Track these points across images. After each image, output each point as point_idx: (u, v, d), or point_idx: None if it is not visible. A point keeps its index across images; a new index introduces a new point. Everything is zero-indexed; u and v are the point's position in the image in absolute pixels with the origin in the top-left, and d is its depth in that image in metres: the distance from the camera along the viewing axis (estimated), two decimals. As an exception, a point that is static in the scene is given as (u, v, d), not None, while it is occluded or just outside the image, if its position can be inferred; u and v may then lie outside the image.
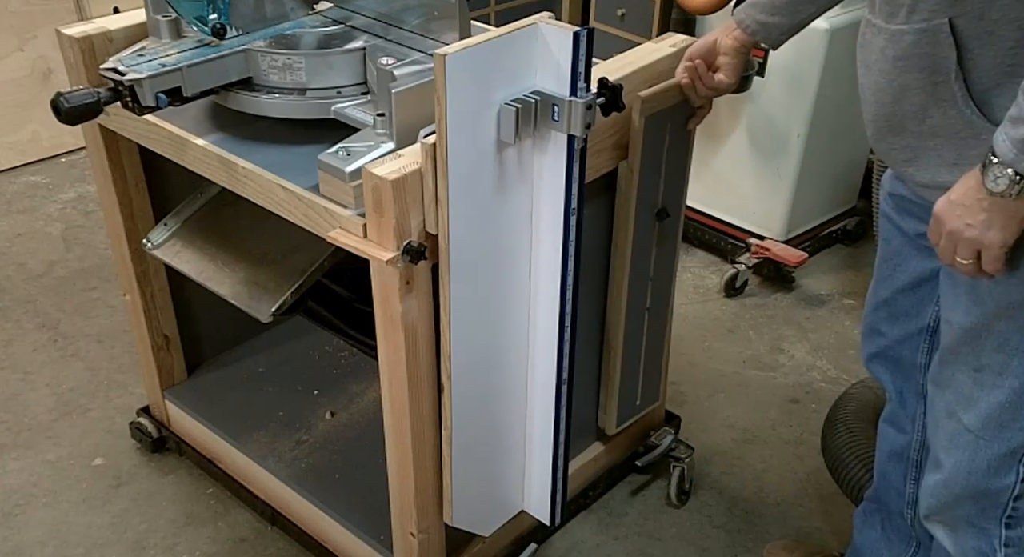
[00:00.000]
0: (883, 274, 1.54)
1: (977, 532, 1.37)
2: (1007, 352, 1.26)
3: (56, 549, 1.92)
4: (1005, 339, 1.26)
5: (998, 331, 1.26)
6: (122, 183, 1.77)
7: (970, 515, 1.37)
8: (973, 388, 1.31)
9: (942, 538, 1.42)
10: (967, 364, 1.31)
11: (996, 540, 1.36)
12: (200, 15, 1.46)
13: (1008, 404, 1.29)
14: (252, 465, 1.91)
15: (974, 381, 1.31)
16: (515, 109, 1.26)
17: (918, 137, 1.25)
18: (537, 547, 1.85)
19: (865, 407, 1.99)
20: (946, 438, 1.38)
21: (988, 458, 1.32)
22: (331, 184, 1.33)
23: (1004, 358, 1.27)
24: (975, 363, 1.30)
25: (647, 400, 1.93)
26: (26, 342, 2.48)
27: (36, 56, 3.20)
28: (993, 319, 1.26)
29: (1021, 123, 1.07)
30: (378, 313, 1.38)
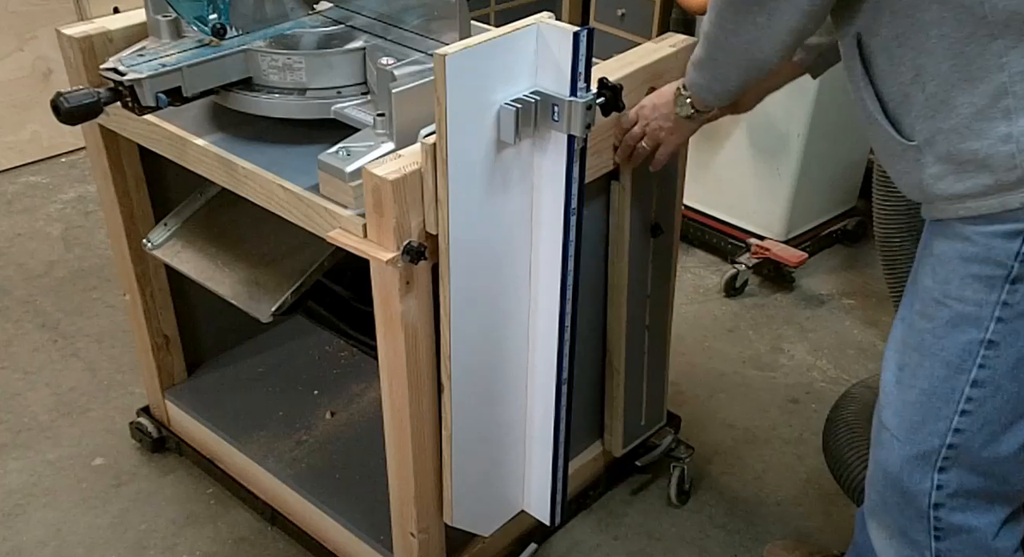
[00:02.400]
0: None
1: (909, 542, 1.38)
2: (922, 352, 1.29)
3: (56, 549, 1.92)
4: (921, 339, 1.28)
5: (919, 330, 1.29)
6: (122, 183, 1.77)
7: (900, 523, 1.38)
8: (894, 385, 1.34)
9: (881, 547, 1.43)
10: (893, 361, 1.34)
11: (927, 551, 1.36)
12: (200, 15, 1.46)
13: (918, 405, 1.30)
14: (252, 465, 1.91)
15: (896, 379, 1.33)
16: (515, 109, 1.26)
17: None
18: (537, 547, 1.84)
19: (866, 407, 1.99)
20: (874, 433, 1.40)
21: (902, 458, 1.33)
22: (331, 184, 1.33)
23: (919, 358, 1.29)
24: (899, 360, 1.33)
25: (651, 420, 1.95)
26: (26, 342, 2.48)
27: (36, 56, 3.20)
28: (917, 317, 1.29)
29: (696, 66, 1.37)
30: (378, 313, 1.38)
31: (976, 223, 1.19)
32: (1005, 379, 1.25)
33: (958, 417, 1.27)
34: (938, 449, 1.30)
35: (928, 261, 1.28)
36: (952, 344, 1.25)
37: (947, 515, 1.33)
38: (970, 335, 1.23)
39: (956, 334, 1.25)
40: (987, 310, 1.22)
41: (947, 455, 1.30)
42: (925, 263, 1.29)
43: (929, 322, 1.27)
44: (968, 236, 1.21)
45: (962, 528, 1.34)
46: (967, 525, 1.34)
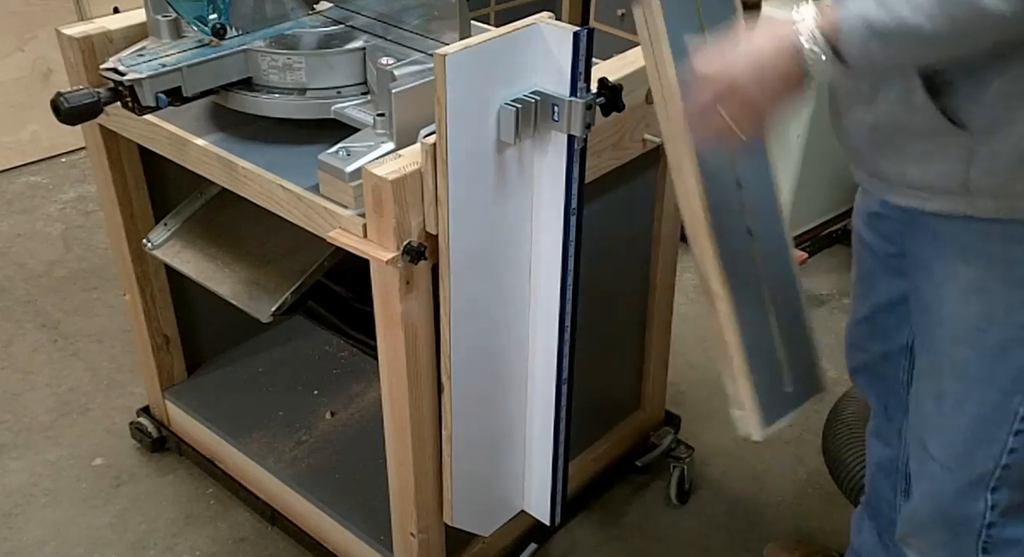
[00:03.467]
0: (858, 293, 1.51)
1: (951, 555, 1.34)
2: (966, 381, 1.22)
3: (56, 549, 1.92)
4: (964, 367, 1.22)
5: (957, 358, 1.22)
6: (122, 183, 1.77)
7: (944, 540, 1.34)
8: (936, 416, 1.28)
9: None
10: (929, 390, 1.28)
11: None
12: (200, 15, 1.46)
13: (969, 432, 1.25)
14: (252, 465, 1.91)
15: (936, 408, 1.27)
16: (515, 109, 1.26)
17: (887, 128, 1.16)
18: (537, 547, 1.84)
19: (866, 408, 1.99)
20: (916, 465, 1.35)
21: (954, 487, 1.29)
22: (331, 184, 1.33)
23: (963, 386, 1.23)
24: (936, 389, 1.27)
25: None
26: (26, 342, 2.48)
27: (36, 56, 3.20)
28: (952, 345, 1.22)
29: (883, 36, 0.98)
30: (378, 313, 1.38)
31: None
32: None
33: (1013, 437, 1.23)
34: (992, 471, 1.26)
35: (954, 285, 1.19)
36: (1004, 369, 1.19)
37: (998, 532, 1.30)
38: (1022, 358, 1.18)
39: (1007, 358, 1.18)
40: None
41: (1000, 475, 1.26)
42: (949, 288, 1.20)
43: (972, 350, 1.20)
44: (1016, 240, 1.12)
45: (1011, 540, 1.31)
46: (1016, 537, 1.31)
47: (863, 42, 1.00)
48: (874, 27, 0.98)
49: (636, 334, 1.89)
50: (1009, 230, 1.11)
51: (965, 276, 1.17)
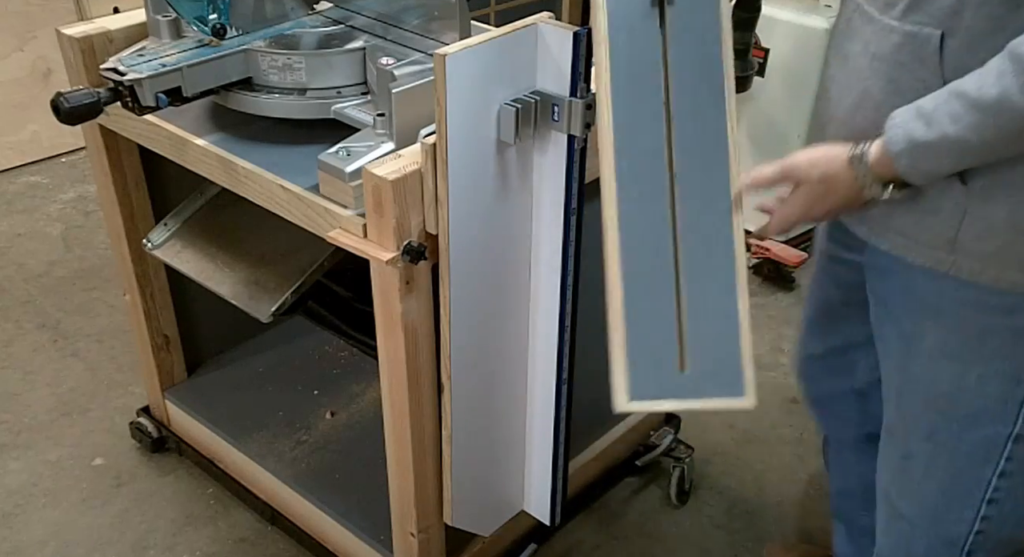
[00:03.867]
0: (815, 329, 1.48)
1: None
2: (935, 443, 1.18)
3: (56, 549, 1.92)
4: (933, 430, 1.18)
5: (926, 419, 1.18)
6: (122, 183, 1.77)
7: None
8: (903, 474, 1.24)
9: None
10: (897, 447, 1.24)
11: None
12: (200, 15, 1.46)
13: (939, 494, 1.20)
14: (252, 465, 1.91)
15: (904, 468, 1.23)
16: (515, 109, 1.26)
17: None
18: (537, 547, 1.84)
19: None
20: (883, 520, 1.31)
21: (925, 547, 1.25)
22: (331, 184, 1.33)
23: (932, 448, 1.19)
24: (903, 449, 1.23)
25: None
26: (26, 342, 2.48)
27: (36, 56, 3.20)
28: (921, 405, 1.18)
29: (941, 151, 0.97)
30: (378, 313, 1.38)
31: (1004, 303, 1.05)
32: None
33: (985, 506, 1.18)
34: (966, 535, 1.21)
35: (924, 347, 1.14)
36: (974, 438, 1.14)
37: None
38: (995, 429, 1.13)
39: (978, 429, 1.14)
40: (1011, 407, 1.11)
41: (975, 540, 1.21)
42: (919, 347, 1.15)
43: (940, 414, 1.15)
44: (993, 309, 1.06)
45: None
46: None
47: (913, 162, 1.00)
48: (923, 146, 0.99)
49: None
50: (986, 299, 1.07)
51: (936, 339, 1.12)
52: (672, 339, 1.11)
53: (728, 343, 1.10)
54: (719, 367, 1.10)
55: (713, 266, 1.11)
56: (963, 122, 0.95)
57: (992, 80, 0.92)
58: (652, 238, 1.12)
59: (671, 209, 1.13)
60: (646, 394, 1.11)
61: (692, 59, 1.13)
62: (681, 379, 1.11)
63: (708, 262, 1.11)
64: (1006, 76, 0.91)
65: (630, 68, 1.14)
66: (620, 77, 1.14)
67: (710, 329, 1.11)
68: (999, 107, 0.92)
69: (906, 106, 1.01)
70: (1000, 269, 1.04)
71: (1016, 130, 0.93)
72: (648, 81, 1.13)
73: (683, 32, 1.13)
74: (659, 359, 1.11)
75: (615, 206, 1.12)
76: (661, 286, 1.11)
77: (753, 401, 1.10)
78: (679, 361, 1.11)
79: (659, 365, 1.11)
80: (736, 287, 1.11)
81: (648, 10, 1.14)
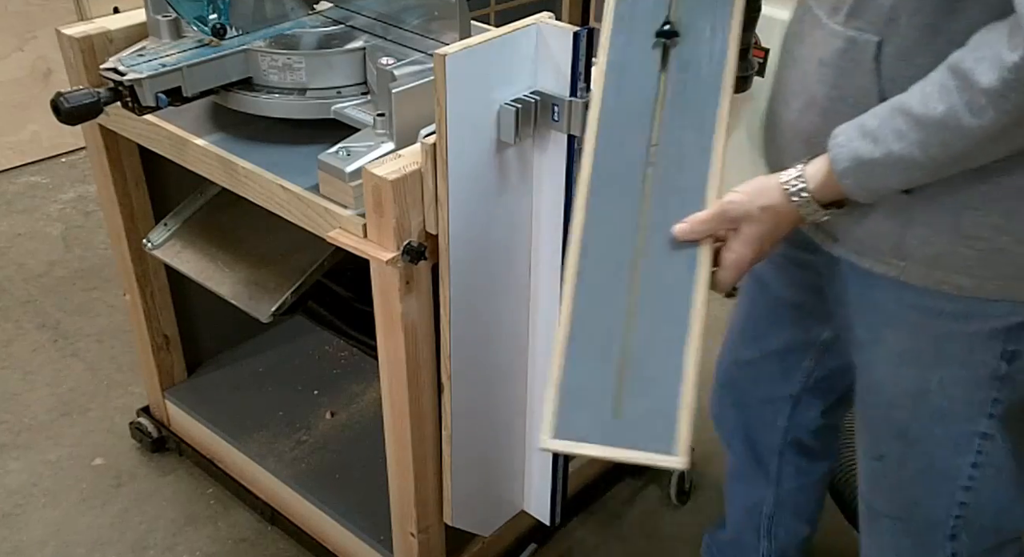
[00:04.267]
0: (746, 335, 1.47)
1: None
2: (905, 440, 1.18)
3: (56, 549, 1.92)
4: (903, 429, 1.18)
5: (895, 420, 1.18)
6: (122, 183, 1.77)
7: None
8: (879, 476, 1.24)
9: None
10: (870, 452, 1.25)
11: None
12: (200, 15, 1.46)
13: (917, 486, 1.21)
14: (252, 465, 1.91)
15: (880, 469, 1.24)
16: (515, 109, 1.26)
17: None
18: (537, 547, 1.84)
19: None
20: (866, 523, 1.31)
21: (911, 539, 1.25)
22: (331, 184, 1.33)
23: (903, 446, 1.19)
24: (875, 451, 1.23)
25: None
26: (26, 342, 2.48)
27: (36, 56, 3.20)
28: (888, 408, 1.18)
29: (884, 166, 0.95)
30: (378, 313, 1.38)
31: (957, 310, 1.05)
32: (1007, 460, 1.16)
33: (962, 492, 1.19)
34: (945, 520, 1.22)
35: (883, 352, 1.14)
36: (944, 433, 1.15)
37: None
38: (961, 428, 1.14)
39: (947, 426, 1.15)
40: (976, 409, 1.12)
41: (955, 524, 1.22)
42: (878, 354, 1.15)
43: (909, 414, 1.16)
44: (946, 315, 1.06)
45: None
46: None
47: (859, 181, 0.99)
48: (869, 165, 0.97)
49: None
50: (941, 305, 1.06)
51: (893, 345, 1.12)
52: (611, 384, 1.04)
53: (668, 397, 1.02)
54: (654, 420, 1.02)
55: (668, 316, 1.05)
56: (908, 139, 0.93)
57: (936, 97, 0.91)
58: (610, 279, 1.07)
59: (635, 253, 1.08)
60: (572, 435, 1.03)
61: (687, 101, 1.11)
62: (613, 426, 1.03)
63: (664, 310, 1.06)
64: (951, 93, 0.89)
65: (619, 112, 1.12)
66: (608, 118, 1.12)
67: (653, 380, 1.04)
68: (944, 125, 0.90)
69: (847, 124, 0.99)
70: (946, 273, 1.03)
71: (963, 148, 0.92)
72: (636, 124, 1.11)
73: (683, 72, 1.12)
74: (594, 401, 1.03)
75: (579, 242, 1.08)
76: (611, 328, 1.05)
77: (684, 461, 1.01)
78: (615, 408, 1.03)
79: (593, 407, 1.03)
80: (688, 340, 1.05)
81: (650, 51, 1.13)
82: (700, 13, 1.13)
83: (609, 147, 1.10)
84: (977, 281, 1.02)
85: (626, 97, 1.11)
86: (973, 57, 0.88)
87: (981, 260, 1.01)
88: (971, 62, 0.88)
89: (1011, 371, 1.08)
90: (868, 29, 0.99)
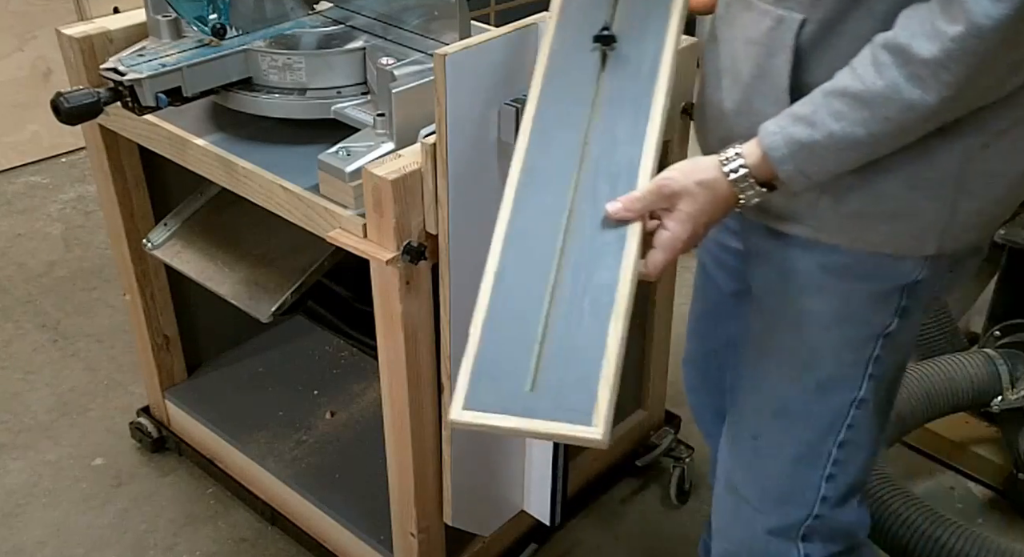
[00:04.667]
0: (698, 332, 1.49)
1: None
2: (786, 418, 1.20)
3: (56, 549, 1.92)
4: (785, 404, 1.20)
5: (779, 396, 1.20)
6: (122, 183, 1.77)
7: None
8: (752, 457, 1.25)
9: None
10: (747, 429, 1.25)
11: None
12: (200, 15, 1.46)
13: (785, 475, 1.23)
14: (252, 465, 1.91)
15: (753, 449, 1.25)
16: (515, 109, 1.26)
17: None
18: (537, 547, 1.84)
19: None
20: (727, 511, 1.31)
21: (766, 533, 1.26)
22: (331, 184, 1.33)
23: (783, 424, 1.21)
24: (755, 429, 1.24)
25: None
26: (26, 342, 2.48)
27: (36, 56, 3.20)
28: (778, 380, 1.20)
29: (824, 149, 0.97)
30: (378, 313, 1.38)
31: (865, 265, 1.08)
32: (867, 434, 1.20)
33: (825, 483, 1.22)
34: (803, 519, 1.24)
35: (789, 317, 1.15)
36: (822, 408, 1.18)
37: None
38: (843, 396, 1.17)
39: (827, 398, 1.17)
40: (860, 369, 1.15)
41: (811, 524, 1.24)
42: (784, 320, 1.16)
43: (795, 387, 1.18)
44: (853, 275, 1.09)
45: None
46: None
47: (799, 165, 1.00)
48: (808, 147, 0.98)
49: (636, 334, 1.89)
50: (850, 265, 1.09)
51: (802, 307, 1.14)
52: (530, 358, 1.01)
53: (589, 370, 0.98)
54: (572, 392, 0.98)
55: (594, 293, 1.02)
56: (849, 118, 0.95)
57: (874, 73, 0.93)
58: (535, 259, 1.05)
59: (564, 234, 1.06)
60: (484, 405, 0.99)
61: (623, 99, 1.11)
62: (528, 398, 0.99)
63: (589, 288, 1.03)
64: (889, 68, 0.92)
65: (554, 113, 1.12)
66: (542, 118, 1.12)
67: (573, 354, 1.00)
68: (887, 99, 0.93)
69: (776, 117, 1.01)
70: (860, 231, 1.07)
71: (903, 121, 0.94)
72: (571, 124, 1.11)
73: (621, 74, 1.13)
74: (510, 373, 1.00)
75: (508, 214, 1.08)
76: (532, 305, 1.03)
77: (603, 434, 0.95)
78: (531, 381, 1.00)
79: (508, 379, 1.00)
80: (612, 315, 1.00)
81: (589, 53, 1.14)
82: (640, 16, 1.14)
83: (541, 145, 1.10)
84: (886, 238, 1.06)
85: (562, 98, 1.12)
86: (906, 34, 0.91)
87: (891, 218, 1.05)
88: (906, 38, 0.91)
89: (898, 328, 1.12)
90: (796, 8, 1.01)
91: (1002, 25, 0.86)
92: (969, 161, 1.01)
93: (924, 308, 1.16)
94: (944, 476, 2.08)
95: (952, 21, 0.87)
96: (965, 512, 2.00)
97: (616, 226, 1.04)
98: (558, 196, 1.07)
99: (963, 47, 0.88)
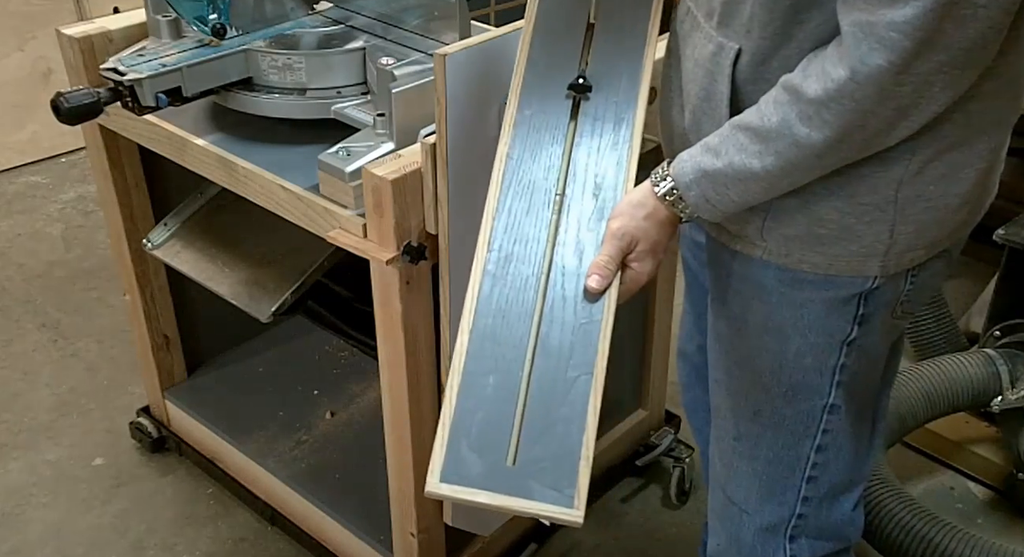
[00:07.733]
0: (690, 325, 1.51)
1: None
2: (760, 422, 1.21)
3: (56, 549, 1.92)
4: (758, 408, 1.21)
5: (753, 399, 1.21)
6: (122, 183, 1.77)
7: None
8: (733, 457, 1.27)
9: None
10: (727, 432, 1.27)
11: None
12: (200, 15, 1.46)
13: (765, 476, 1.24)
14: (252, 465, 1.91)
15: (733, 450, 1.26)
16: (515, 109, 1.26)
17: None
18: (537, 547, 1.85)
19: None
20: (717, 509, 1.34)
21: (753, 532, 1.28)
22: (331, 184, 1.33)
23: (758, 428, 1.22)
24: (734, 431, 1.26)
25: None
26: (26, 342, 2.48)
27: (36, 56, 3.20)
28: (749, 386, 1.21)
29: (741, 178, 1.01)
30: (378, 313, 1.38)
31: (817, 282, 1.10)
32: (847, 438, 1.21)
33: (805, 485, 1.23)
34: (788, 519, 1.26)
35: (750, 325, 1.17)
36: (793, 413, 1.19)
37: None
38: (812, 403, 1.18)
39: (796, 404, 1.18)
40: (827, 377, 1.16)
41: (796, 524, 1.26)
42: (745, 327, 1.18)
43: (764, 391, 1.19)
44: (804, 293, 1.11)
45: None
46: None
47: (703, 191, 1.04)
48: (712, 175, 1.03)
49: (636, 334, 1.89)
50: (803, 277, 1.11)
51: (761, 316, 1.15)
52: (508, 427, 0.97)
53: (571, 445, 0.96)
54: (554, 470, 0.96)
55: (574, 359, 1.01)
56: (748, 151, 0.99)
57: (772, 110, 0.97)
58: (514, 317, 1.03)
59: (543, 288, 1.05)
60: (462, 479, 0.95)
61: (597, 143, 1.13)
62: (509, 474, 0.95)
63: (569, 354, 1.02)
64: (784, 106, 0.96)
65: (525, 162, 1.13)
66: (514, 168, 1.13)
67: (554, 426, 0.98)
68: (780, 134, 0.97)
69: (693, 146, 1.06)
70: (802, 253, 1.09)
71: (793, 157, 0.98)
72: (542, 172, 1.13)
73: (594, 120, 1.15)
74: (488, 445, 0.96)
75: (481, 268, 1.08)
76: (510, 367, 1.00)
77: (581, 516, 0.94)
78: (512, 455, 0.96)
79: (486, 451, 0.96)
80: (593, 386, 0.99)
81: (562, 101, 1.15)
82: (613, 63, 1.16)
83: (515, 196, 1.11)
84: (830, 259, 1.08)
85: (534, 146, 1.13)
86: (802, 74, 0.96)
87: (833, 241, 1.07)
88: (800, 78, 0.95)
89: (860, 334, 1.13)
90: (732, 37, 1.04)
91: (878, 73, 0.89)
92: (903, 186, 1.03)
93: (900, 312, 1.15)
94: (944, 476, 2.08)
95: (838, 65, 0.92)
96: (965, 512, 2.00)
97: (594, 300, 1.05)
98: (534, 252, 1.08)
99: (841, 90, 0.92)
